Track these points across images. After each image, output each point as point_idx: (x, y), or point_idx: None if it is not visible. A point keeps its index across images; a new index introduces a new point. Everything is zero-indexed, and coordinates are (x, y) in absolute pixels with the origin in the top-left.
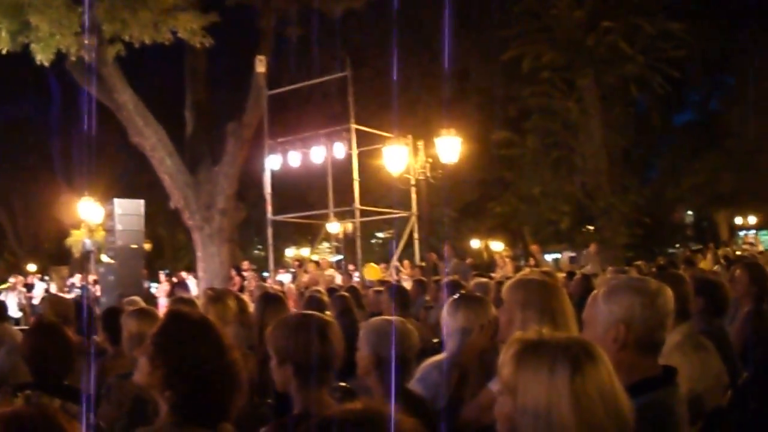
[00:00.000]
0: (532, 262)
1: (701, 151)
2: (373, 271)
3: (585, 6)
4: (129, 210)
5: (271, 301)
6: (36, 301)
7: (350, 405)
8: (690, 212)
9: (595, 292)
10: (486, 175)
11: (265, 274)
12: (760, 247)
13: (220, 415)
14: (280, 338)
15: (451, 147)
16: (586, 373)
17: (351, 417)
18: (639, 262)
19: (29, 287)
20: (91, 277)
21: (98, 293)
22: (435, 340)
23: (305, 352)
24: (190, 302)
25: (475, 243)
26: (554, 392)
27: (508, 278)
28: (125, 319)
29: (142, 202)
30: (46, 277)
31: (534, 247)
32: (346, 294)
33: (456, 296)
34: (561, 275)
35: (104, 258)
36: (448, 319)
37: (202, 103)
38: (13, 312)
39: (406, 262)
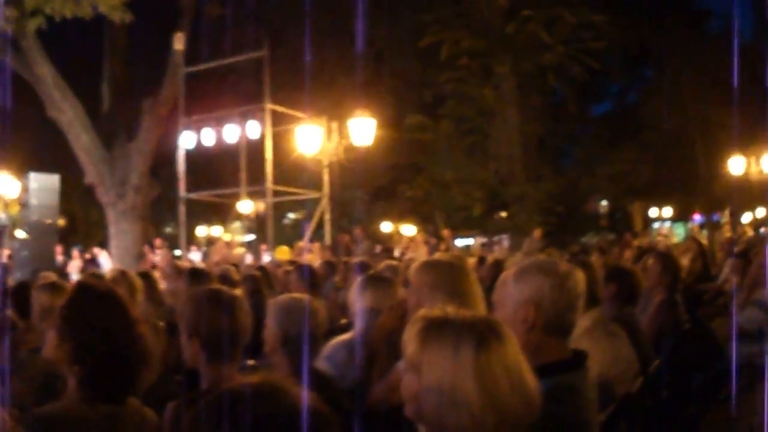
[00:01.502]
0: (443, 246)
1: (618, 142)
2: (284, 253)
3: None
4: (44, 185)
5: (197, 276)
6: None
7: (249, 377)
8: (604, 202)
9: (505, 273)
10: (399, 159)
11: (177, 252)
12: (674, 239)
13: (127, 389)
14: (189, 312)
15: (364, 129)
16: (491, 351)
17: (249, 389)
18: (551, 250)
19: None
20: (5, 252)
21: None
22: (344, 321)
23: (213, 326)
24: (100, 278)
25: (387, 226)
26: (459, 369)
27: None
28: (36, 292)
29: (57, 177)
30: None
31: (445, 232)
32: (257, 273)
33: (364, 277)
34: (472, 260)
35: (18, 233)
36: (357, 299)
37: (120, 78)
38: None
39: (315, 244)
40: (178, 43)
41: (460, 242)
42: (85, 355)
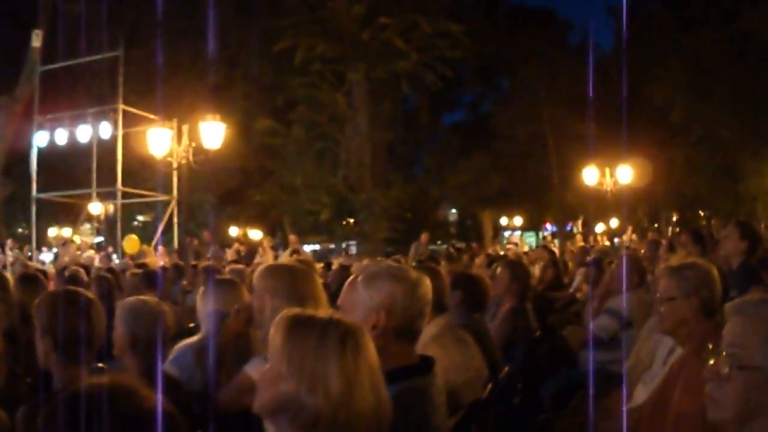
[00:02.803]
0: (289, 251)
1: (469, 151)
2: (133, 244)
3: (364, 1)
4: None
5: (28, 280)
6: None
7: (98, 378)
8: (454, 210)
9: (353, 277)
10: (248, 163)
11: (29, 253)
12: (525, 248)
13: None
14: (44, 313)
15: (214, 133)
16: (355, 346)
17: (103, 389)
18: (398, 256)
19: None
20: None
21: None
22: (191, 325)
23: (67, 327)
24: None
25: (234, 230)
26: (322, 355)
27: None
28: None
29: None
30: None
31: (292, 237)
32: (108, 275)
33: (211, 280)
34: (319, 266)
35: None
36: (203, 302)
37: None
38: None
39: (161, 247)
40: (36, 40)
41: (307, 248)
42: None
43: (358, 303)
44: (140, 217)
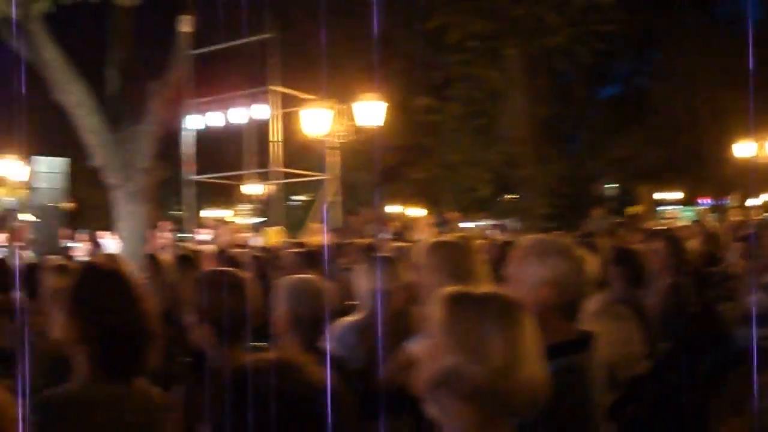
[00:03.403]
0: (452, 229)
1: (625, 125)
2: (275, 234)
3: None
4: (51, 168)
5: (185, 261)
6: None
7: (265, 354)
8: (611, 185)
9: (522, 249)
10: (407, 141)
11: (184, 235)
12: (681, 222)
13: (134, 369)
14: (197, 295)
15: (372, 111)
16: (516, 320)
17: (265, 365)
18: (559, 233)
19: None
20: (7, 235)
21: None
22: (351, 303)
23: (222, 308)
24: (113, 259)
25: (394, 209)
26: (484, 325)
27: None
28: (45, 274)
29: (64, 160)
30: None
31: (452, 215)
32: (265, 254)
33: (371, 258)
34: (480, 243)
35: (24, 216)
36: (363, 280)
37: (125, 61)
38: None
39: (317, 226)
40: (185, 25)
41: (467, 225)
42: (92, 335)
43: (525, 276)
44: (298, 197)
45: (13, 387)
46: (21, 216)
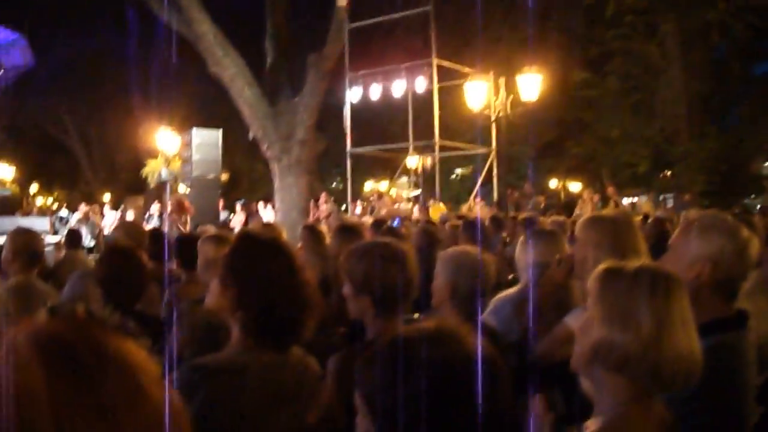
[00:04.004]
0: (612, 204)
1: None
2: (439, 211)
3: None
4: (207, 140)
5: (347, 232)
6: (108, 230)
7: (423, 323)
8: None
9: (686, 224)
10: (565, 115)
11: (344, 206)
12: None
13: (291, 337)
14: (356, 265)
15: (531, 84)
16: (668, 292)
17: (424, 333)
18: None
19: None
20: (159, 206)
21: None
22: (510, 276)
23: (381, 279)
24: (272, 228)
25: (554, 183)
26: (633, 298)
27: None
28: (202, 244)
29: (220, 132)
30: (121, 207)
31: (610, 189)
32: (426, 227)
33: (531, 232)
34: (637, 218)
35: (180, 188)
36: (523, 253)
37: (282, 33)
38: (87, 241)
39: (477, 200)
40: None
41: (624, 201)
42: (249, 303)
43: (687, 250)
44: (458, 170)
45: (164, 354)
46: (177, 187)
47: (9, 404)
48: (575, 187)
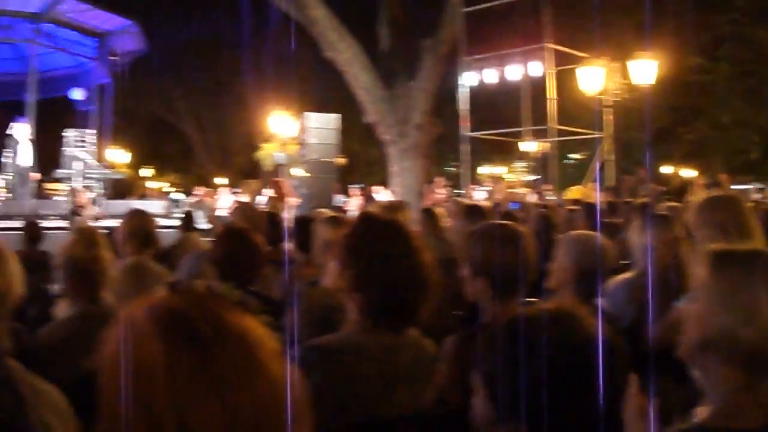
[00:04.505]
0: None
1: None
2: (575, 193)
3: None
4: (323, 124)
5: (473, 213)
6: (222, 213)
7: (543, 304)
8: None
9: None
10: (678, 101)
11: (459, 191)
12: None
13: (407, 319)
14: (475, 247)
15: (645, 70)
16: None
17: (545, 315)
18: None
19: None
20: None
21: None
22: (625, 261)
23: (499, 261)
24: (397, 207)
25: (667, 169)
26: (754, 294)
27: None
28: (318, 226)
29: (336, 116)
30: (236, 190)
31: (722, 176)
32: (544, 211)
33: (645, 216)
34: (749, 205)
35: (295, 171)
36: (637, 238)
37: (397, 18)
38: (201, 224)
39: (589, 185)
40: None
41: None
42: (367, 283)
43: None
44: (574, 155)
45: (282, 336)
46: (293, 171)
47: (128, 376)
48: (688, 174)
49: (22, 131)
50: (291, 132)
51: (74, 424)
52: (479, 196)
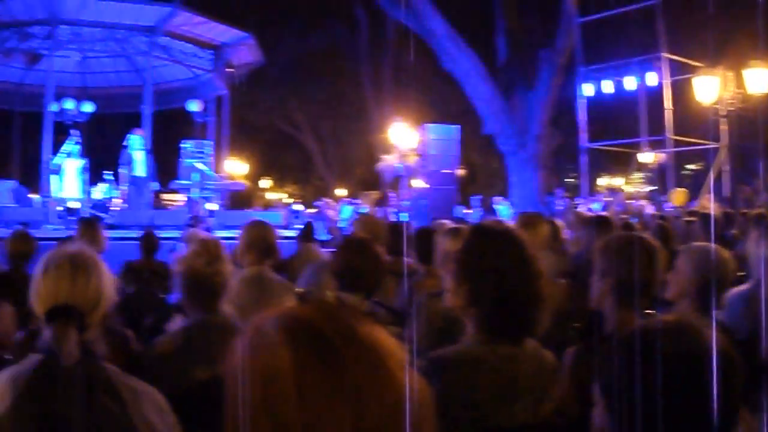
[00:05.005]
0: None
1: None
2: (679, 196)
3: None
4: (442, 135)
5: (599, 224)
6: (342, 224)
7: (664, 316)
8: None
9: None
10: None
11: (578, 202)
12: None
13: (524, 330)
14: (604, 257)
15: (761, 79)
16: None
17: (667, 327)
18: None
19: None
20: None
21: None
22: (741, 273)
23: (629, 272)
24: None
25: None
26: None
27: None
28: (439, 237)
29: (456, 127)
30: (356, 201)
31: None
32: (662, 222)
33: (762, 228)
34: None
35: (416, 183)
36: (754, 249)
37: (514, 29)
38: (322, 234)
39: (706, 196)
40: None
41: None
42: (481, 297)
43: None
44: (690, 166)
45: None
46: (412, 182)
47: (257, 384)
48: None
49: (138, 142)
50: (411, 143)
51: (175, 424)
52: (597, 207)
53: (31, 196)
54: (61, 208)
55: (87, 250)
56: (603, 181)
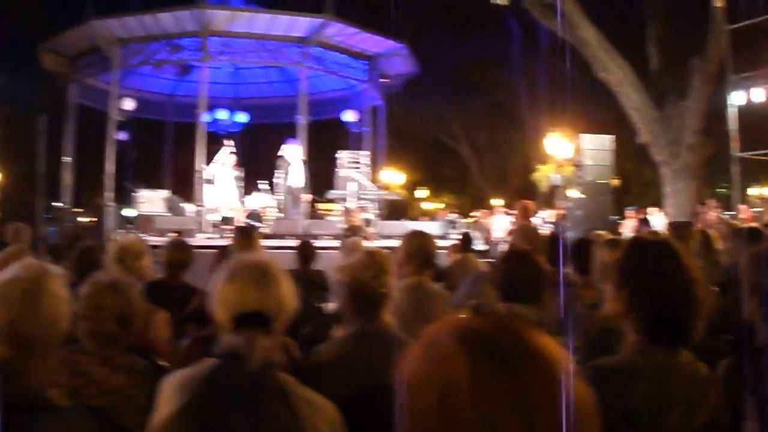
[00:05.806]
0: None
1: None
2: None
3: None
4: (597, 145)
5: (750, 235)
6: (498, 234)
7: None
8: None
9: None
10: None
11: (730, 213)
12: None
13: (682, 337)
14: (754, 268)
15: None
16: None
17: None
18: None
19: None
20: (559, 211)
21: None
22: None
23: None
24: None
25: None
26: None
27: None
28: (598, 248)
29: (611, 137)
30: (512, 212)
31: None
32: None
33: None
34: None
35: (571, 193)
36: None
37: (664, 38)
38: (479, 245)
39: None
40: (719, 0)
41: None
42: (641, 302)
43: None
44: None
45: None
46: (568, 192)
47: (432, 394)
48: None
49: (293, 152)
50: (567, 153)
51: None
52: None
53: (183, 205)
54: (217, 218)
55: (270, 259)
56: (755, 191)
